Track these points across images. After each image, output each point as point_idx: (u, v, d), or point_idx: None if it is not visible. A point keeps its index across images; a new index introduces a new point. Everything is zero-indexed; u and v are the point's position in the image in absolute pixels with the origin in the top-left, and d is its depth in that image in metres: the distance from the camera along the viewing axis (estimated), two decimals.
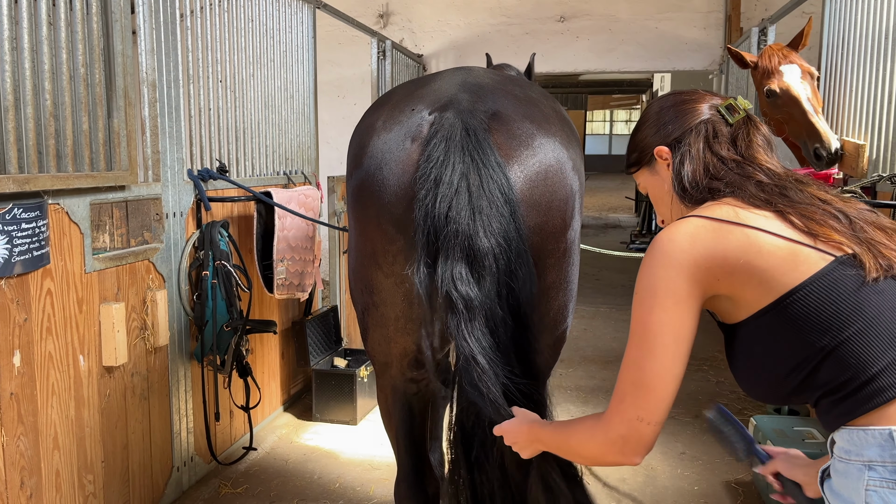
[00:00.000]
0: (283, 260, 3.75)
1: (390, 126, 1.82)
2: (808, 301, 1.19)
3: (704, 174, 1.38)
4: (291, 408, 4.45)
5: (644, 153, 1.51)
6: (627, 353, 1.30)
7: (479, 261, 1.58)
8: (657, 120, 1.49)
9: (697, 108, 1.45)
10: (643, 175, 1.54)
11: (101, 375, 2.75)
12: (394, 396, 2.08)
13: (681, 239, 1.26)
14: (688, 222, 1.29)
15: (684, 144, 1.42)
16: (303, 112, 4.58)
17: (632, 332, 1.30)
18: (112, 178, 2.74)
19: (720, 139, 1.40)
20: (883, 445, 1.13)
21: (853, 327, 1.17)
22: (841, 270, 1.20)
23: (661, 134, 1.47)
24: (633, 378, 1.27)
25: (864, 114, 3.52)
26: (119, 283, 2.83)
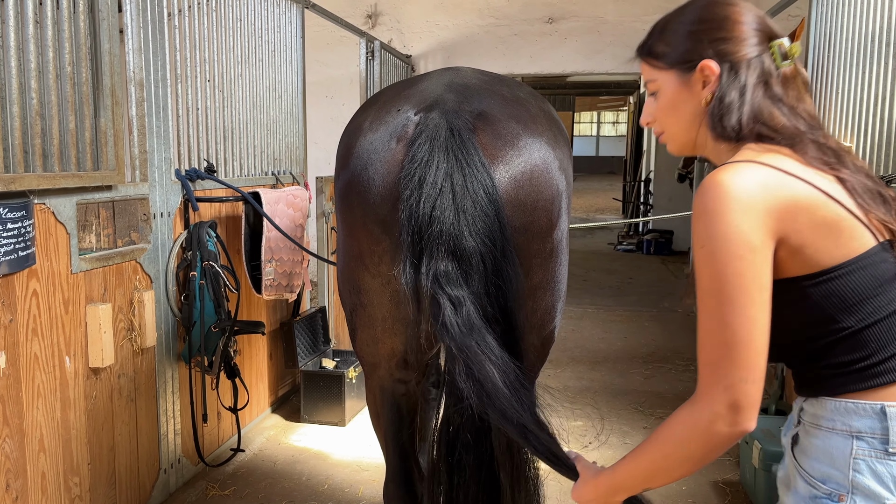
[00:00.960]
0: (272, 260, 3.74)
1: (376, 127, 1.82)
2: (848, 280, 1.17)
3: (755, 118, 1.25)
4: (280, 409, 4.43)
5: (682, 55, 1.30)
6: (705, 317, 1.17)
7: (465, 260, 1.58)
8: (711, 27, 1.29)
9: (753, 38, 1.28)
10: (667, 77, 1.33)
11: (87, 377, 2.72)
12: (382, 397, 2.08)
13: (750, 184, 1.15)
14: (751, 168, 1.17)
15: (738, 75, 1.26)
16: (291, 112, 4.56)
17: (703, 291, 1.17)
18: (99, 177, 2.72)
19: (773, 81, 1.27)
20: (874, 418, 1.17)
21: (882, 313, 1.18)
22: (882, 255, 1.19)
23: (715, 49, 1.27)
24: (720, 339, 1.14)
25: (850, 116, 3.56)
26: (106, 283, 2.81)
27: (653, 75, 1.36)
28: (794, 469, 1.28)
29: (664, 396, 4.65)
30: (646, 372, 5.21)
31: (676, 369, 5.23)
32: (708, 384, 1.16)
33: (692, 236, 1.20)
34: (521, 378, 1.50)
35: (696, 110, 1.31)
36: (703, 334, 1.17)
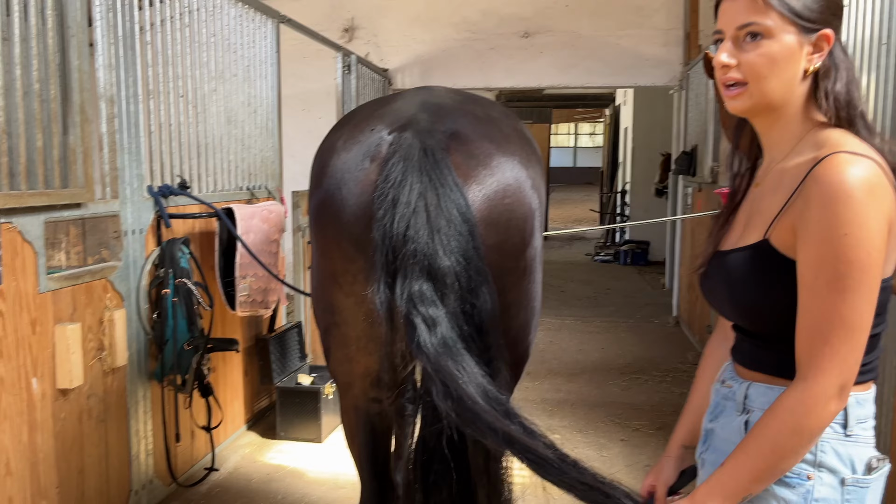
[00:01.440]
0: (246, 276, 3.71)
1: (350, 146, 1.82)
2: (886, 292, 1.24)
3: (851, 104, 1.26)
4: (255, 426, 4.38)
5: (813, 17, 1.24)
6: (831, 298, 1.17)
7: (440, 280, 1.58)
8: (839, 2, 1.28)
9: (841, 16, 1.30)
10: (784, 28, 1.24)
11: (55, 398, 2.67)
12: (357, 416, 2.07)
13: (883, 185, 1.18)
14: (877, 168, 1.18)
15: (845, 54, 1.28)
16: (266, 127, 4.54)
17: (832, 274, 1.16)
18: (67, 195, 2.68)
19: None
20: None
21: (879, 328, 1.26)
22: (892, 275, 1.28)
23: (836, 21, 1.26)
24: (845, 322, 1.17)
25: None
26: (75, 302, 2.77)
27: (766, 19, 1.23)
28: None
29: (641, 408, 4.67)
30: (623, 383, 5.23)
31: (653, 380, 5.26)
32: (821, 364, 1.17)
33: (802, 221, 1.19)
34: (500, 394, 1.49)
35: (795, 73, 1.26)
36: (823, 315, 1.18)
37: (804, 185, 1.21)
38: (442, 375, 1.49)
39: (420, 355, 1.53)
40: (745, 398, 1.34)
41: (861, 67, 3.12)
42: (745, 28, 1.26)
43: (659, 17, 7.25)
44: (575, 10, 7.32)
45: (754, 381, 1.34)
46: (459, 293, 1.61)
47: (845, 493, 1.27)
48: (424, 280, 1.58)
